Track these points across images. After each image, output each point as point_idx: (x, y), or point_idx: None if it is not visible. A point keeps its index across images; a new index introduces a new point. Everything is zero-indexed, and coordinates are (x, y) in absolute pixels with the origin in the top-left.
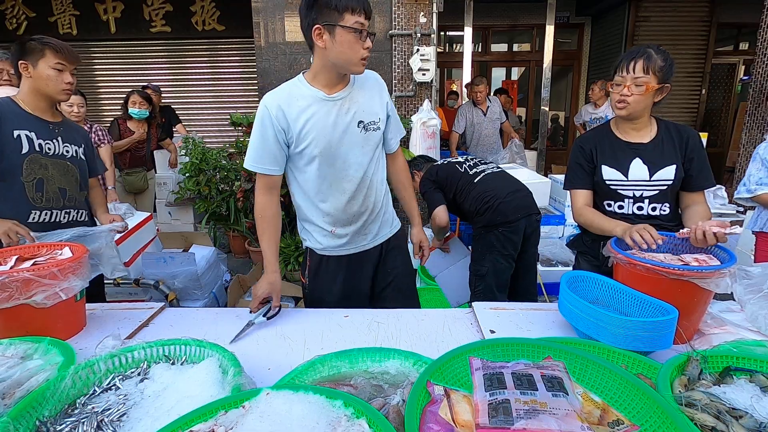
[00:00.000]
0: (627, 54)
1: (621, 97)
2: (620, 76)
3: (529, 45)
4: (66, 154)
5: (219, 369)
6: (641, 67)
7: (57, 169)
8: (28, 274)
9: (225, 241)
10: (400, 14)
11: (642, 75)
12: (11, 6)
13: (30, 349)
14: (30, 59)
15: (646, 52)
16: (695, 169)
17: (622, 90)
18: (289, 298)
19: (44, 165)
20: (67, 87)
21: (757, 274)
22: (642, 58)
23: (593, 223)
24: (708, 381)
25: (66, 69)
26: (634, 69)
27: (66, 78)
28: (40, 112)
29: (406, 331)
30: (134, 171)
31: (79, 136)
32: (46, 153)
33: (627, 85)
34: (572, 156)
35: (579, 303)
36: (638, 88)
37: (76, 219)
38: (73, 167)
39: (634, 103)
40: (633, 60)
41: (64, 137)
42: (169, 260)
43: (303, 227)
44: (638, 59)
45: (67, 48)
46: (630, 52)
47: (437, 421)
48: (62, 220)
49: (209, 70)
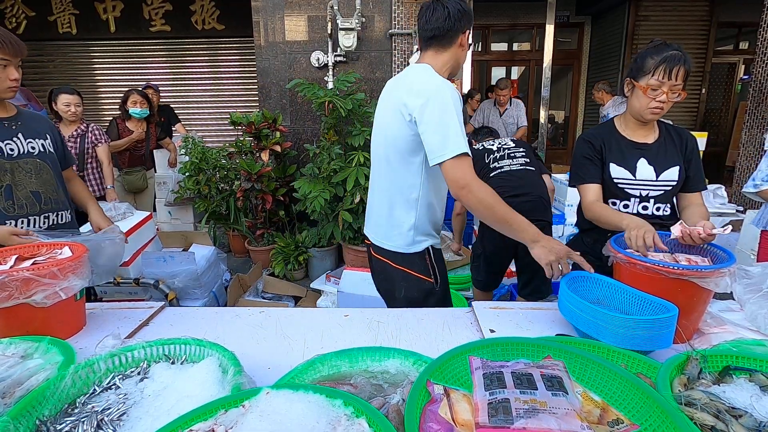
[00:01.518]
0: (663, 58)
1: (658, 104)
2: (658, 81)
3: (528, 44)
4: (32, 151)
5: (219, 368)
6: (683, 75)
7: (25, 172)
8: (28, 274)
9: (225, 241)
10: (400, 13)
11: (681, 82)
12: (10, 5)
13: (30, 348)
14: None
15: (682, 57)
16: (693, 171)
17: (661, 96)
18: (289, 297)
19: (8, 170)
20: (13, 84)
21: (756, 273)
22: (683, 66)
23: (601, 216)
24: (707, 380)
25: (10, 64)
26: (677, 77)
27: (11, 74)
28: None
29: (406, 330)
30: (134, 170)
31: (41, 126)
32: (9, 155)
33: (666, 92)
34: (579, 151)
35: (579, 302)
36: (674, 95)
37: (57, 222)
38: (44, 164)
39: (666, 109)
40: (676, 67)
41: (26, 132)
42: (169, 260)
43: (426, 229)
44: (680, 66)
45: (9, 39)
46: (668, 57)
47: (437, 420)
48: (42, 225)
49: (209, 69)
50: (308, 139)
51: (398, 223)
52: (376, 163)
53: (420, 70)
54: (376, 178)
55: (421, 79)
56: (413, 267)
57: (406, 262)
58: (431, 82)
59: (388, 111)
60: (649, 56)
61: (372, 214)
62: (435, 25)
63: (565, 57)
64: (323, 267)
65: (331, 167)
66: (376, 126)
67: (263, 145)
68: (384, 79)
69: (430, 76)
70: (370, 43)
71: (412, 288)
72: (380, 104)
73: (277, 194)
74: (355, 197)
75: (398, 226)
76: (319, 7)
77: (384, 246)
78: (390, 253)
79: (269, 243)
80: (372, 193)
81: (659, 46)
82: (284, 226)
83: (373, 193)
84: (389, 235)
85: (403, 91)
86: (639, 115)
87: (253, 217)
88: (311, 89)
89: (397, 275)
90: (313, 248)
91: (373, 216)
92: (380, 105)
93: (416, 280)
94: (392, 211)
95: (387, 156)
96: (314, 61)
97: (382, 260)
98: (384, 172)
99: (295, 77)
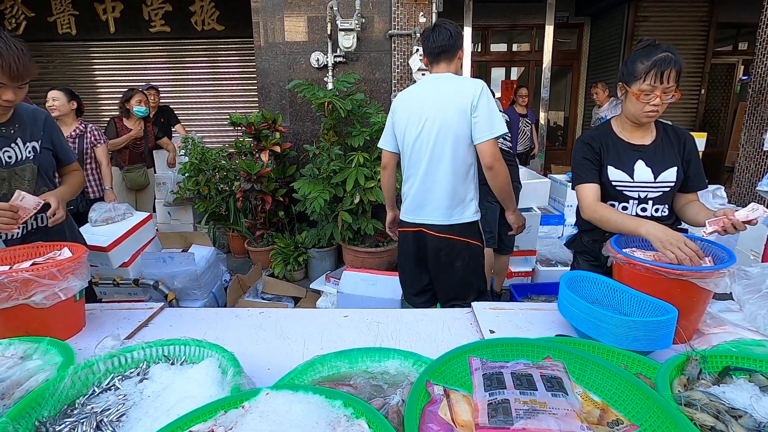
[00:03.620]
0: (653, 62)
1: (653, 108)
2: (650, 86)
3: (528, 45)
4: (29, 156)
5: (218, 369)
6: (675, 77)
7: (21, 179)
8: (28, 274)
9: (224, 241)
10: (400, 14)
11: (674, 84)
12: (10, 6)
13: (29, 349)
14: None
15: (672, 59)
16: (692, 170)
17: (654, 100)
18: (288, 298)
19: (6, 178)
20: (5, 104)
21: (756, 274)
22: (674, 68)
23: (610, 220)
24: (707, 381)
25: (6, 87)
26: (668, 79)
27: (5, 95)
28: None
29: (405, 331)
30: (134, 167)
31: (36, 126)
32: (7, 164)
33: (659, 95)
34: (578, 153)
35: (578, 303)
36: (668, 96)
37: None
38: (40, 167)
39: (662, 111)
40: (667, 70)
41: (23, 136)
42: (169, 260)
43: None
44: (671, 69)
45: (11, 65)
46: (658, 61)
47: (437, 421)
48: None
49: (209, 70)
50: (308, 140)
51: (463, 198)
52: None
53: (451, 77)
54: (431, 170)
55: (461, 81)
56: (471, 236)
57: (469, 233)
58: (473, 82)
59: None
60: (639, 60)
61: (429, 201)
62: (441, 43)
63: (565, 57)
64: (323, 268)
65: (331, 168)
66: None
67: (263, 146)
68: (384, 79)
69: (465, 78)
70: (369, 43)
71: (473, 256)
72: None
73: (277, 195)
74: (354, 198)
75: (462, 200)
76: (319, 7)
77: (451, 222)
78: (457, 228)
79: (269, 244)
80: (424, 184)
81: (648, 47)
82: (284, 226)
83: (423, 182)
84: (455, 212)
85: (452, 92)
86: (635, 118)
87: (252, 218)
88: (311, 90)
89: (461, 246)
90: (313, 249)
91: (432, 202)
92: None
93: (474, 247)
94: (456, 190)
95: (446, 146)
96: (314, 62)
97: (445, 237)
98: (445, 161)
99: (295, 78)
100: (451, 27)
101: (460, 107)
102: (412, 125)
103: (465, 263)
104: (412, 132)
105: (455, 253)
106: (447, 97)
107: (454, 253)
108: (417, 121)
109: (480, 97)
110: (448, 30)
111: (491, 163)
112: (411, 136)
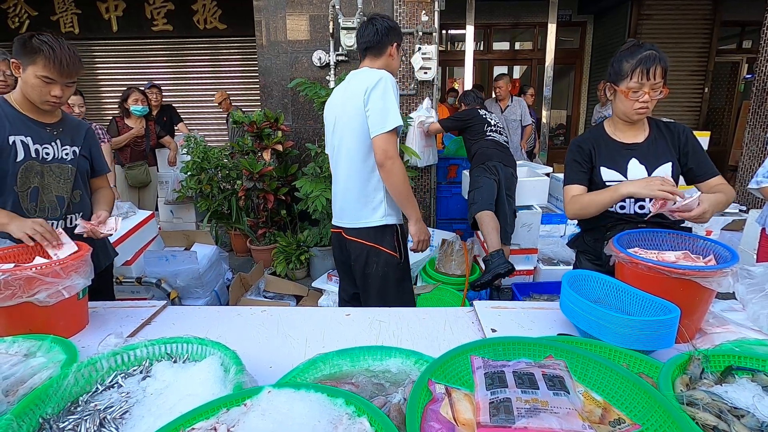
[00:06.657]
0: (639, 60)
1: (643, 104)
2: (637, 83)
3: (531, 43)
4: (66, 157)
5: (221, 367)
6: (660, 73)
7: (54, 176)
8: (31, 272)
9: (227, 240)
10: (402, 12)
11: (661, 80)
12: (13, 5)
13: (33, 346)
14: (23, 59)
15: (657, 56)
16: (693, 161)
17: (643, 97)
18: (290, 296)
19: (40, 172)
20: (53, 99)
21: (759, 273)
22: (660, 64)
23: (591, 202)
24: (710, 380)
25: (55, 83)
26: (655, 76)
27: (54, 90)
28: (36, 114)
29: (407, 329)
30: (135, 165)
31: (78, 134)
32: (43, 159)
33: (647, 92)
34: (568, 155)
35: (580, 302)
36: (656, 93)
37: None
38: (74, 170)
39: (651, 107)
40: (652, 67)
41: (63, 139)
42: (171, 259)
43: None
44: (656, 65)
45: (62, 61)
46: (643, 59)
47: (438, 419)
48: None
49: (211, 68)
50: (310, 139)
51: (369, 199)
52: (336, 157)
53: (363, 71)
54: (341, 171)
55: (366, 74)
56: (383, 243)
57: (378, 238)
58: (372, 73)
59: (348, 108)
60: (624, 60)
61: (344, 202)
62: (367, 39)
63: (567, 56)
64: (325, 266)
65: None
66: (336, 125)
67: (265, 145)
68: None
69: (371, 71)
70: None
71: (383, 264)
72: (334, 109)
73: (279, 193)
74: None
75: (369, 201)
76: (321, 6)
77: (358, 225)
78: (364, 231)
79: (271, 242)
80: (336, 185)
81: (633, 47)
82: (286, 225)
83: (338, 184)
84: (362, 214)
85: (358, 90)
86: (626, 116)
87: (254, 217)
88: (313, 88)
89: (371, 252)
90: (315, 247)
91: (346, 204)
92: (334, 109)
93: (386, 256)
94: (362, 190)
95: (347, 144)
96: (316, 61)
97: (355, 241)
98: (348, 160)
99: (297, 76)
100: (380, 22)
101: (356, 102)
102: (329, 127)
103: (374, 271)
104: (329, 134)
105: (363, 258)
106: (351, 93)
107: (362, 258)
108: (332, 123)
109: (374, 89)
110: (374, 26)
111: (382, 160)
112: (329, 139)
